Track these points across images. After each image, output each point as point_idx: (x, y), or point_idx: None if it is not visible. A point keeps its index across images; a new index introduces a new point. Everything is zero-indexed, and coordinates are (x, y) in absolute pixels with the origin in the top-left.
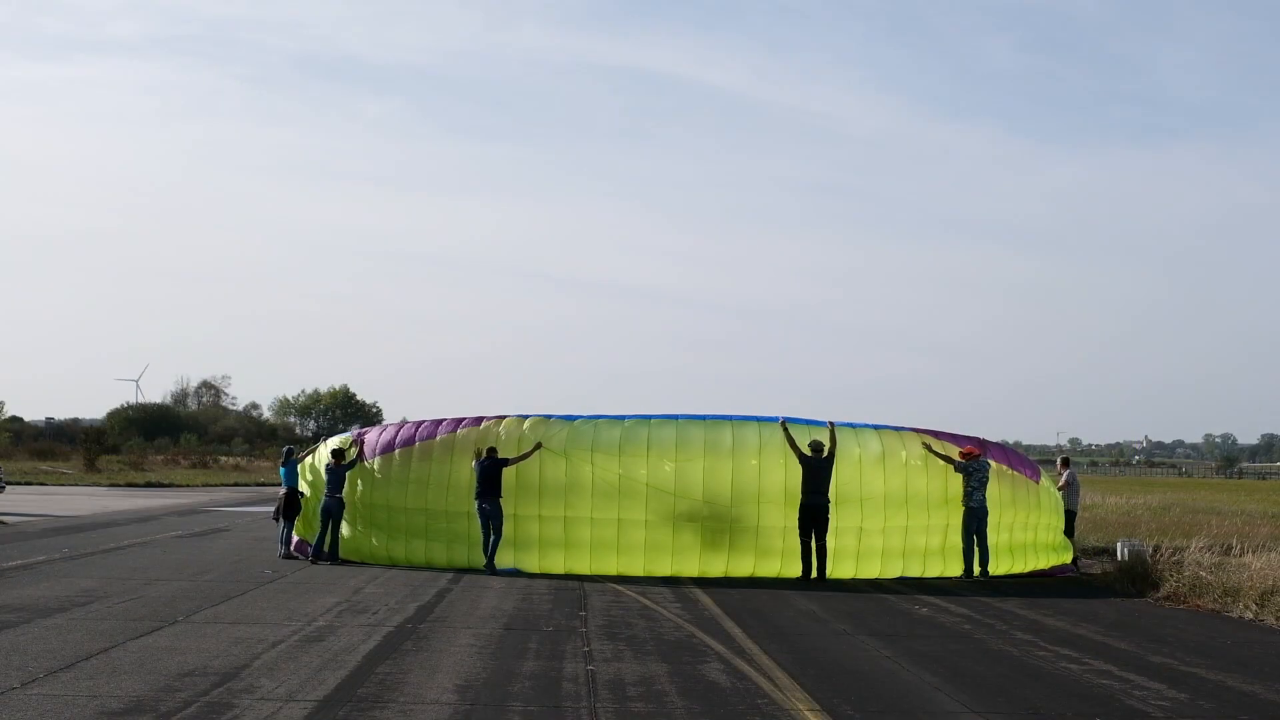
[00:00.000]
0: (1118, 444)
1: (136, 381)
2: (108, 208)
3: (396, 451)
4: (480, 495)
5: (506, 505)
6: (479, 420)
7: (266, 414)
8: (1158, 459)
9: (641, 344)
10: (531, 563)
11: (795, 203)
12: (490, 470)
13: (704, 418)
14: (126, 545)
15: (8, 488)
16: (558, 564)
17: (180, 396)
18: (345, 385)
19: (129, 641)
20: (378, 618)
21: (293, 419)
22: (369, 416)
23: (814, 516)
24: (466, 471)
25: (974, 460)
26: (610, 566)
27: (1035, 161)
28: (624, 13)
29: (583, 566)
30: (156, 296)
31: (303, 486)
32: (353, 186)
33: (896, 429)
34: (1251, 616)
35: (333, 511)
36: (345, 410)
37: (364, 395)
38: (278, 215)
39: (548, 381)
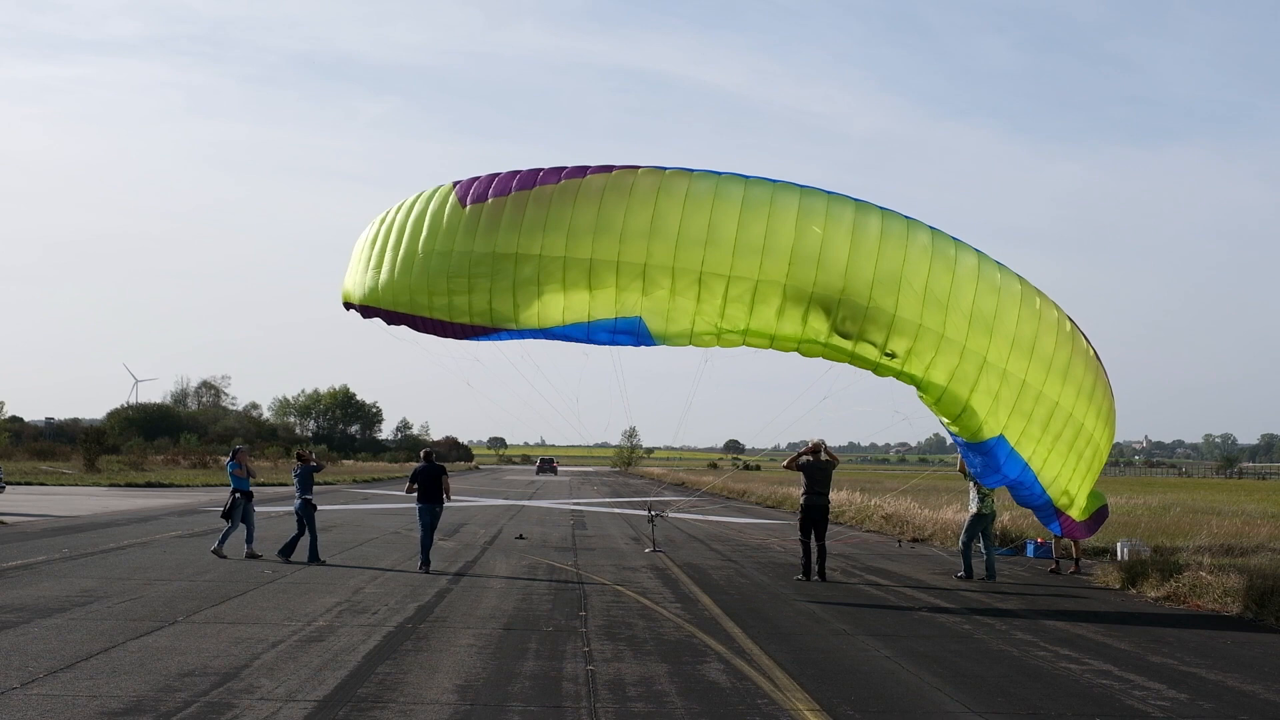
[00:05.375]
0: (1118, 444)
1: (135, 379)
2: (107, 208)
3: (510, 195)
4: (422, 497)
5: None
6: (608, 167)
7: (266, 414)
8: (1158, 459)
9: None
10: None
11: None
12: (432, 474)
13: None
14: (126, 545)
15: (8, 488)
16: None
17: (180, 396)
18: (345, 385)
19: (129, 641)
20: (378, 618)
21: (293, 419)
22: (369, 416)
23: (814, 517)
24: (591, 216)
25: None
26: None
27: (1034, 161)
28: (623, 12)
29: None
30: (157, 297)
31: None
32: (353, 186)
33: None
34: (1251, 616)
35: (302, 513)
36: (345, 410)
37: (364, 395)
38: (278, 215)
39: (550, 380)
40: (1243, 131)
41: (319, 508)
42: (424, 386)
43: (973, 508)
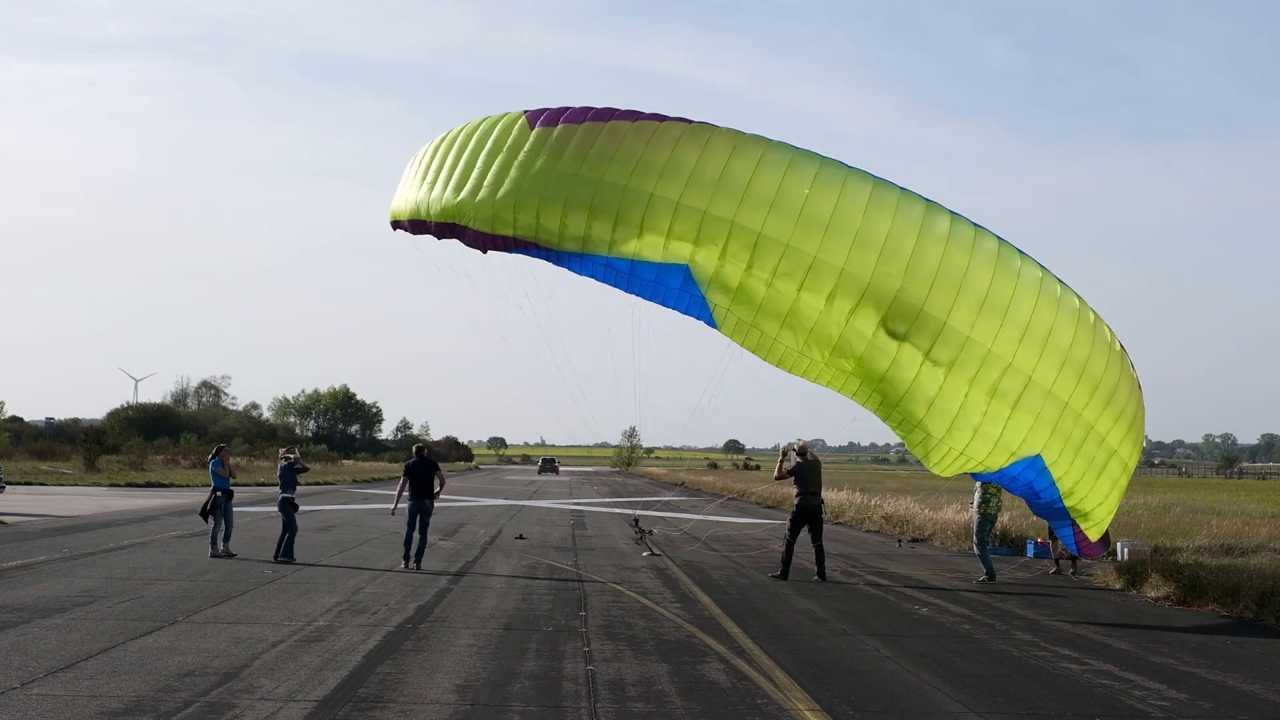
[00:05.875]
0: None
1: (134, 379)
2: (106, 208)
3: (583, 124)
4: (414, 494)
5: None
6: (686, 119)
7: (266, 414)
8: (1158, 459)
9: (642, 343)
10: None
11: None
12: (423, 470)
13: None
14: (126, 545)
15: (8, 488)
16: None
17: (180, 396)
18: (345, 385)
19: (129, 641)
20: (378, 618)
21: (293, 419)
22: (369, 416)
23: (810, 517)
24: (663, 157)
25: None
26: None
27: (1032, 161)
28: (623, 13)
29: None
30: (157, 297)
31: None
32: (353, 186)
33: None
34: (1252, 616)
35: (283, 511)
36: (345, 410)
37: (364, 395)
38: (277, 215)
39: (549, 380)
40: (1243, 131)
41: (301, 508)
42: (425, 386)
43: (979, 508)
